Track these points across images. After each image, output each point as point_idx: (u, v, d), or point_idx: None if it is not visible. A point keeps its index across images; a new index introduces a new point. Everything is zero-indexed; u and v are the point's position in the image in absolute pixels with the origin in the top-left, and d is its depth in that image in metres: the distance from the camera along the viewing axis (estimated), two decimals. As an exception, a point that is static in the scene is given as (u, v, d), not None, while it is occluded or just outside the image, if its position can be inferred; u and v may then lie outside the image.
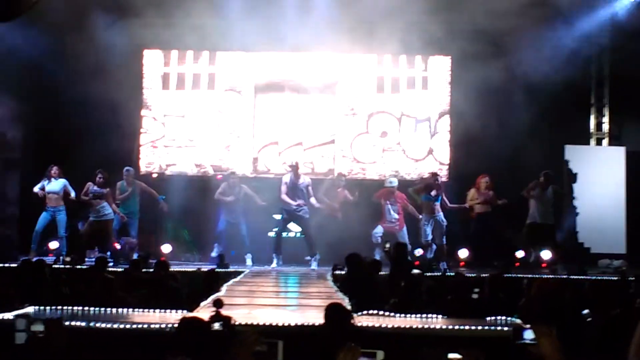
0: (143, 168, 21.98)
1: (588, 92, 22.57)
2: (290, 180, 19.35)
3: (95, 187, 19.00)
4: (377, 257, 17.97)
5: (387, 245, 17.74)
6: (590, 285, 13.26)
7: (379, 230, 19.85)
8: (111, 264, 17.09)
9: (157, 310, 11.26)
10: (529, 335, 9.63)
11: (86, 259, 18.02)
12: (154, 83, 22.27)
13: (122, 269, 15.74)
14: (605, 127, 22.53)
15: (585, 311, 10.66)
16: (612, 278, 16.17)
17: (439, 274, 17.25)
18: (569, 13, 20.86)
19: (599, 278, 16.17)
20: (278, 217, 19.93)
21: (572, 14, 20.94)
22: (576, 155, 21.23)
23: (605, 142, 22.50)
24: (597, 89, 22.60)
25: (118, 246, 19.10)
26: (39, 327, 8.65)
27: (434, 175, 19.95)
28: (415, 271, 15.37)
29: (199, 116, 22.24)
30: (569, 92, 21.03)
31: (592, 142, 22.50)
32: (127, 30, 20.56)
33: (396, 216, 19.94)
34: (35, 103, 20.54)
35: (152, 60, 22.27)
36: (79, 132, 20.42)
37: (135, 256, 18.36)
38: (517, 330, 9.70)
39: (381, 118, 22.26)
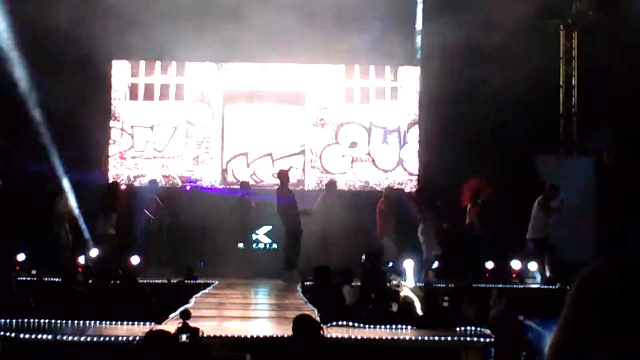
0: (111, 179, 21.74)
1: (557, 103, 22.62)
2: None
3: None
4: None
5: (363, 257, 17.69)
6: (560, 294, 13.30)
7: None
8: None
9: (125, 323, 11.17)
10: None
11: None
12: (122, 94, 22.08)
13: (91, 282, 15.52)
14: (575, 136, 22.56)
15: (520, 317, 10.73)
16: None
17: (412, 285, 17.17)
18: (536, 25, 20.96)
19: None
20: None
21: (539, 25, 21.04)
22: (546, 165, 21.24)
23: (574, 151, 22.53)
24: (566, 99, 22.65)
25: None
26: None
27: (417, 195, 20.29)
28: (394, 282, 15.35)
29: (168, 127, 22.08)
30: (538, 103, 21.09)
31: (562, 151, 22.54)
32: (96, 41, 20.33)
33: None
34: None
35: (120, 71, 22.10)
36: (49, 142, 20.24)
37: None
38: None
39: (350, 128, 22.19)
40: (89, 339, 9.71)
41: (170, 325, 9.68)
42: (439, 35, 20.19)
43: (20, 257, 18.93)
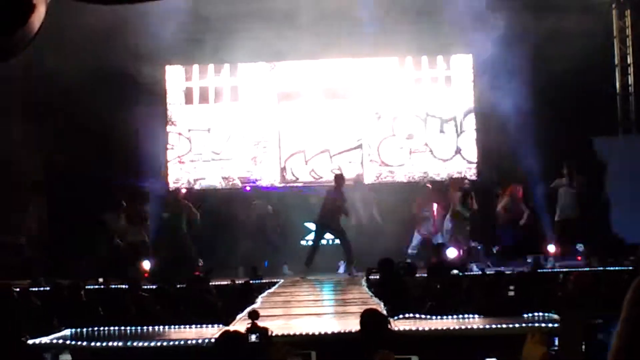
0: (171, 184, 21.92)
1: (613, 82, 22.34)
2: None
3: None
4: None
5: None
6: (628, 277, 13.18)
7: (415, 241, 19.95)
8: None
9: (194, 326, 11.25)
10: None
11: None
12: (177, 98, 22.24)
13: (156, 287, 15.57)
14: (633, 115, 22.28)
15: None
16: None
17: (476, 273, 17.08)
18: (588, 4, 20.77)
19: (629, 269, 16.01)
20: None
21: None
22: (605, 146, 21.00)
23: (633, 131, 22.25)
24: (622, 77, 22.35)
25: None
26: (66, 357, 8.70)
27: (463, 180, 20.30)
28: (454, 272, 15.33)
29: (224, 129, 22.19)
30: (593, 83, 20.88)
31: (620, 131, 22.27)
32: (149, 48, 20.33)
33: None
34: (63, 125, 20.59)
35: (174, 76, 22.25)
36: (105, 152, 20.46)
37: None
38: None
39: (406, 120, 22.14)
40: (159, 344, 9.81)
41: (239, 326, 9.75)
42: (490, 23, 20.05)
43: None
